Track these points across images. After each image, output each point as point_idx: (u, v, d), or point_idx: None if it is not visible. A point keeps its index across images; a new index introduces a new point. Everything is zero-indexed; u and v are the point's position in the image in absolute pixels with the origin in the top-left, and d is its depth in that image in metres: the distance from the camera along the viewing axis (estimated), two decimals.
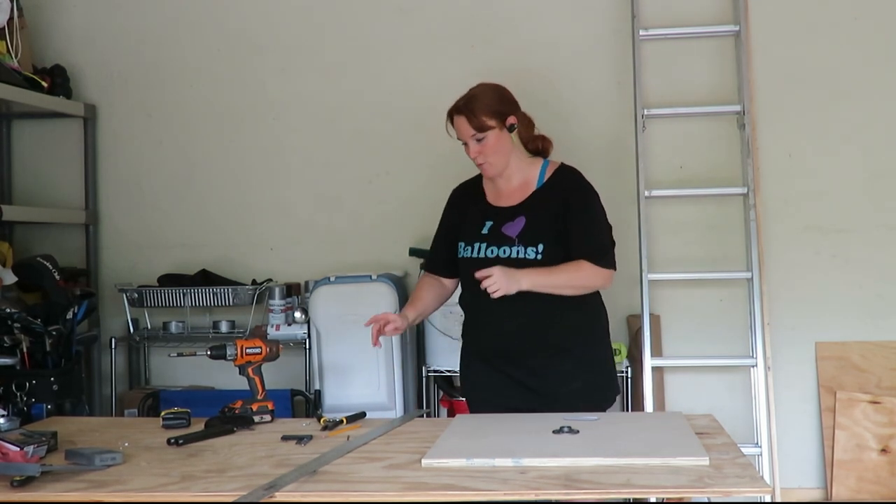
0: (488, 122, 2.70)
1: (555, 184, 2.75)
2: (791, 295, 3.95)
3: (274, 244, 4.27)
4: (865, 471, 3.80)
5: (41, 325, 3.25)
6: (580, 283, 2.69)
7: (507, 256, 2.67)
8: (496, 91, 2.78)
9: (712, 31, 3.99)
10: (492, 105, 2.72)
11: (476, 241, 2.74)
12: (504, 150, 2.73)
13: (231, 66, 4.28)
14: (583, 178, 2.80)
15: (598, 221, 2.77)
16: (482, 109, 2.71)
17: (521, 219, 2.71)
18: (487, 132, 2.70)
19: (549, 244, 2.66)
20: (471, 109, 2.70)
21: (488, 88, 2.77)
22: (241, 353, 2.63)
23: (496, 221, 2.74)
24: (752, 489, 1.83)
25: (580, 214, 2.71)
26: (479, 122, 2.69)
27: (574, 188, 2.75)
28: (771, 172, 3.97)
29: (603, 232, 2.78)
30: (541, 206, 2.72)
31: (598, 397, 2.73)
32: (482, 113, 2.70)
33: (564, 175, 2.78)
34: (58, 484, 1.94)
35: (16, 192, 4.35)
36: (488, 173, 2.77)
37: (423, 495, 1.84)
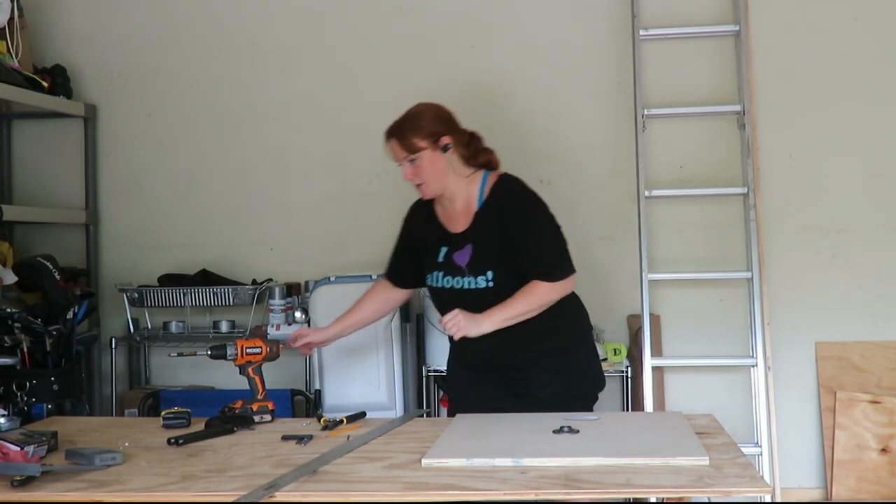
0: (419, 143, 2.68)
1: (493, 202, 2.71)
2: (791, 295, 3.95)
3: (274, 244, 4.26)
4: (865, 471, 3.80)
5: (41, 325, 3.25)
6: (539, 304, 2.66)
7: (461, 287, 2.69)
8: (430, 111, 2.76)
9: (712, 31, 3.98)
10: (425, 126, 2.71)
11: (434, 270, 2.76)
12: (438, 172, 2.71)
13: (231, 66, 4.28)
14: (518, 190, 2.76)
15: (539, 235, 2.71)
16: (414, 131, 2.69)
17: (469, 247, 2.70)
18: (419, 153, 2.68)
19: (498, 270, 2.65)
20: (402, 132, 2.70)
21: (422, 109, 2.76)
22: (241, 352, 2.63)
23: (449, 248, 2.74)
24: (752, 489, 1.83)
25: (521, 233, 2.68)
26: (409, 144, 2.69)
27: (509, 205, 2.71)
28: (771, 172, 3.97)
29: (548, 244, 2.72)
30: (484, 230, 2.69)
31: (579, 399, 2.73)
32: (413, 135, 2.69)
33: (500, 191, 2.73)
34: (58, 484, 1.94)
35: (16, 192, 4.35)
36: (425, 195, 2.76)
37: (423, 495, 1.84)
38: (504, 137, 4.08)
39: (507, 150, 4.07)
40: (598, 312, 3.96)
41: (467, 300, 2.67)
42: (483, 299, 2.65)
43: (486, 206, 2.71)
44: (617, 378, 3.82)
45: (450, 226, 2.78)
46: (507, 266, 2.66)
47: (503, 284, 2.65)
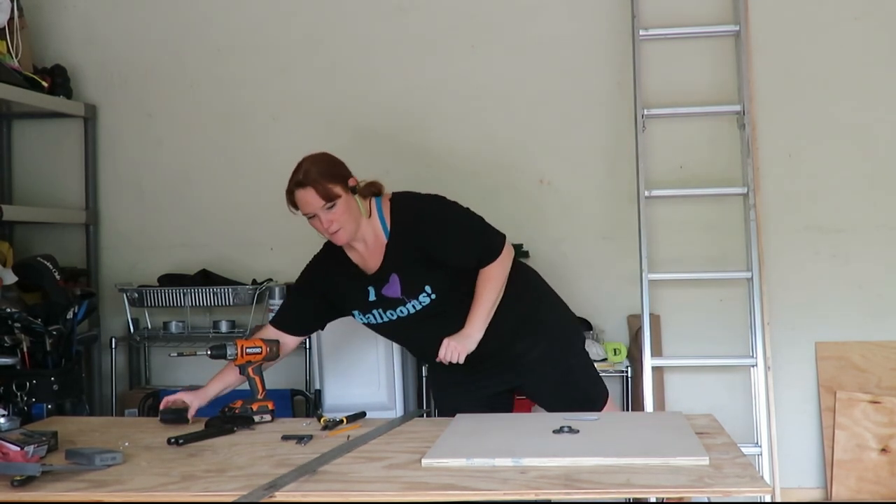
0: (335, 189, 2.61)
1: (398, 227, 2.68)
2: (791, 295, 3.95)
3: (274, 244, 4.26)
4: (865, 471, 3.80)
5: (41, 324, 3.25)
6: (501, 283, 2.70)
7: (407, 314, 2.69)
8: (327, 158, 2.70)
9: (712, 31, 3.98)
10: (331, 171, 2.65)
11: (370, 310, 2.74)
12: (354, 215, 2.65)
13: (231, 66, 4.28)
14: (415, 203, 2.74)
15: (457, 230, 2.71)
16: (329, 178, 2.62)
17: (394, 277, 2.68)
18: (336, 200, 2.61)
19: (433, 282, 2.65)
20: (315, 181, 2.60)
21: (320, 157, 2.70)
22: (241, 352, 2.63)
23: (376, 287, 2.71)
24: (752, 489, 1.84)
25: (439, 240, 2.67)
26: (328, 192, 2.59)
27: (414, 222, 2.69)
28: (771, 172, 3.97)
29: (468, 233, 2.71)
30: (401, 256, 2.67)
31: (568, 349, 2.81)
32: (329, 181, 2.61)
33: (400, 212, 2.70)
34: (58, 484, 1.94)
35: (16, 192, 4.35)
36: (342, 240, 2.68)
37: (423, 495, 1.84)
38: (504, 137, 4.12)
39: (508, 150, 4.12)
40: (598, 312, 3.99)
41: (420, 323, 2.68)
42: (433, 313, 2.66)
43: (393, 233, 2.69)
44: (617, 378, 3.82)
45: (366, 267, 2.74)
46: (441, 274, 2.66)
47: (444, 292, 2.66)
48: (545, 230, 4.06)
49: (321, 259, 2.85)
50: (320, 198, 2.60)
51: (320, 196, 2.60)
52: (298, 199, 2.64)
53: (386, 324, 2.75)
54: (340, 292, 2.78)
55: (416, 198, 2.77)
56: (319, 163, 2.67)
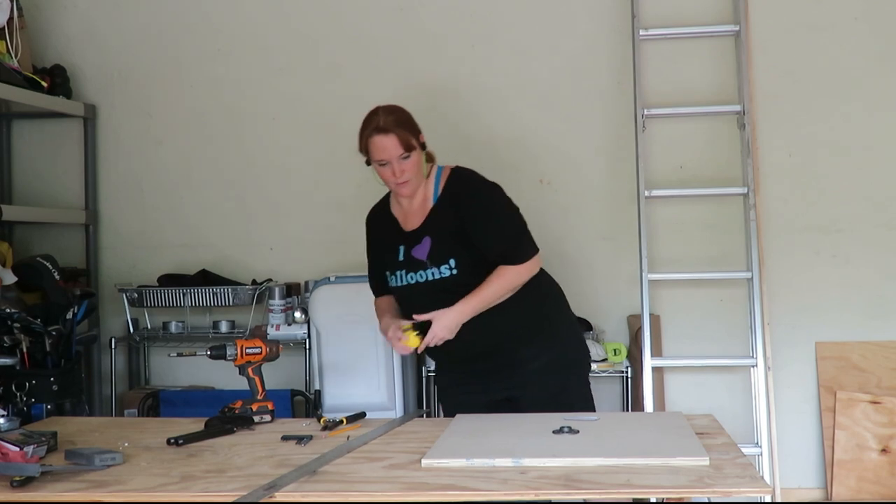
0: (414, 142, 2.68)
1: (448, 194, 2.74)
2: (791, 295, 3.95)
3: (274, 244, 4.26)
4: (865, 471, 3.80)
5: (41, 325, 3.25)
6: (509, 287, 2.69)
7: (425, 280, 2.70)
8: (404, 110, 2.76)
9: (712, 31, 3.98)
10: (410, 122, 2.72)
11: (397, 269, 2.77)
12: (421, 169, 2.73)
13: (231, 66, 4.28)
14: (473, 180, 2.78)
15: (499, 220, 2.74)
16: (405, 127, 2.68)
17: (427, 239, 2.71)
18: (412, 152, 2.68)
19: (459, 257, 2.67)
20: (397, 128, 2.66)
21: (397, 108, 2.74)
22: (241, 353, 2.63)
23: (407, 246, 2.75)
24: (752, 489, 1.83)
25: (479, 221, 2.70)
26: (409, 142, 2.66)
27: (465, 195, 2.74)
28: (771, 172, 3.97)
29: (507, 229, 2.74)
30: (441, 221, 2.72)
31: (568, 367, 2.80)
32: (411, 133, 2.68)
33: (456, 182, 2.76)
34: (58, 484, 1.94)
35: (16, 192, 4.35)
36: (405, 193, 2.75)
37: (423, 495, 1.84)
38: (504, 137, 4.12)
39: (508, 150, 4.12)
40: (598, 312, 3.99)
41: (434, 293, 2.68)
42: (448, 289, 2.67)
43: (441, 199, 2.74)
44: (617, 378, 3.83)
45: (405, 224, 2.80)
46: (469, 253, 2.68)
47: (466, 271, 2.67)
48: (545, 230, 4.03)
49: (371, 216, 2.96)
50: (400, 145, 2.65)
51: (401, 144, 2.65)
52: (375, 144, 2.67)
53: (404, 287, 2.75)
54: (380, 246, 2.86)
55: (475, 176, 2.80)
56: (398, 112, 2.72)
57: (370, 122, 2.70)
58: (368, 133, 2.69)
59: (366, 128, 2.71)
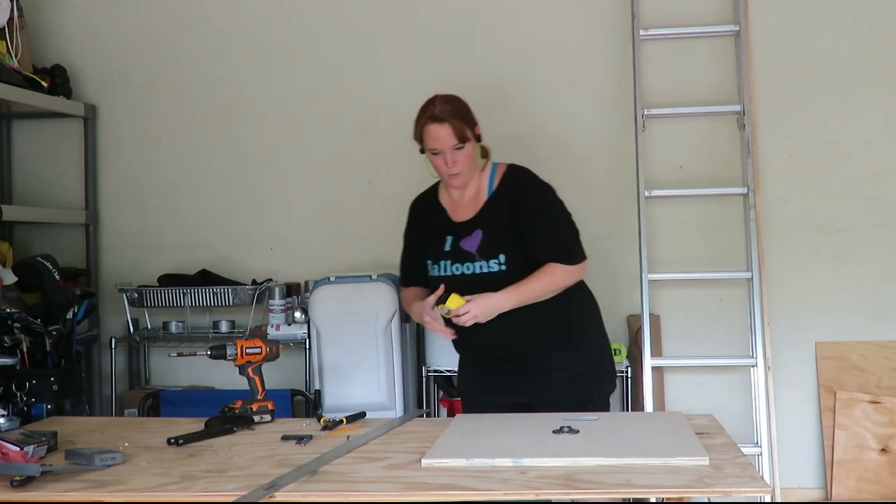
0: (469, 133, 2.69)
1: (504, 190, 2.75)
2: (791, 295, 3.95)
3: (274, 244, 4.26)
4: (865, 471, 3.80)
5: (41, 325, 3.25)
6: (555, 287, 2.70)
7: (472, 273, 2.69)
8: (461, 101, 2.76)
9: (712, 31, 3.98)
10: (466, 113, 2.72)
11: (441, 259, 2.75)
12: (474, 162, 2.74)
13: (231, 66, 4.28)
14: (530, 178, 2.80)
15: (554, 220, 2.76)
16: (461, 118, 2.69)
17: (478, 232, 2.71)
18: (466, 143, 2.69)
19: (509, 253, 2.67)
20: (452, 118, 2.67)
21: (455, 98, 2.75)
22: (241, 353, 2.63)
23: (455, 237, 2.74)
24: (752, 489, 1.83)
25: (534, 218, 2.71)
26: (463, 133, 2.67)
27: (522, 192, 2.75)
28: (771, 172, 3.97)
29: (562, 229, 2.77)
30: (494, 216, 2.72)
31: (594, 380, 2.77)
32: (466, 124, 2.69)
33: (512, 179, 2.77)
34: (58, 484, 1.94)
35: (16, 192, 4.35)
36: (457, 184, 2.75)
37: (423, 495, 1.84)
38: (504, 137, 4.09)
39: (508, 150, 4.08)
40: None
41: (480, 286, 2.66)
42: (493, 284, 2.65)
43: (496, 194, 2.74)
44: (617, 378, 3.82)
45: (455, 215, 2.79)
46: (520, 251, 2.67)
47: (515, 268, 2.66)
48: None
49: (417, 202, 2.95)
50: (454, 136, 2.66)
51: (455, 134, 2.66)
52: (430, 133, 2.68)
53: (448, 278, 2.73)
54: (425, 234, 2.83)
55: (532, 174, 2.81)
56: (455, 102, 2.72)
57: (426, 111, 2.71)
58: (424, 121, 2.70)
59: (422, 115, 2.72)
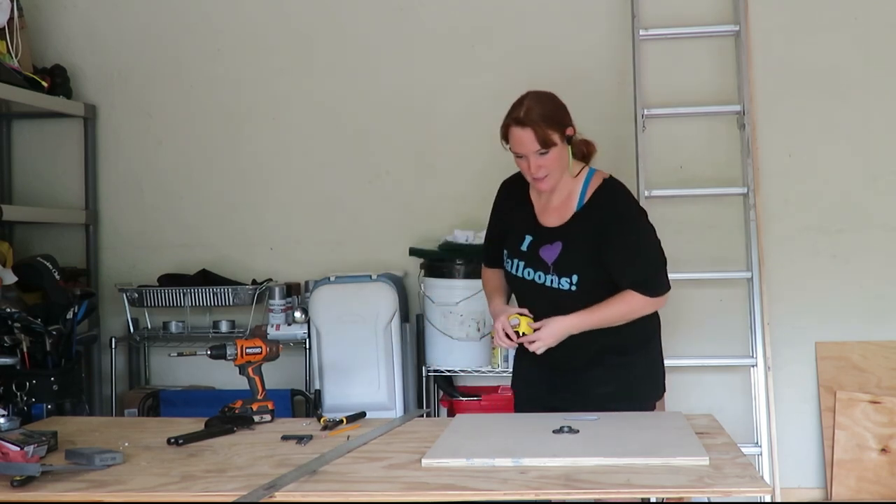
0: (554, 137, 2.52)
1: (594, 206, 2.60)
2: (791, 295, 3.95)
3: (274, 244, 4.26)
4: (865, 471, 3.80)
5: (41, 324, 3.25)
6: (632, 316, 2.59)
7: (542, 283, 2.59)
8: (553, 100, 2.61)
9: (712, 31, 3.98)
10: (554, 116, 2.55)
11: (515, 257, 2.65)
12: (563, 165, 2.58)
13: (231, 66, 4.28)
14: (623, 199, 2.65)
15: (641, 247, 2.62)
16: (550, 124, 2.52)
17: (559, 244, 2.59)
18: (551, 148, 2.53)
19: (583, 275, 2.55)
20: (536, 122, 2.51)
21: (545, 97, 2.60)
22: (241, 352, 2.63)
23: (536, 239, 2.62)
24: (752, 489, 1.83)
25: (620, 244, 2.57)
26: (546, 138, 2.51)
27: (612, 214, 2.59)
28: (771, 172, 3.97)
29: (647, 258, 2.62)
30: (579, 231, 2.58)
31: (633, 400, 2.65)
32: (550, 127, 2.52)
33: (606, 195, 2.61)
34: (58, 484, 1.94)
35: (16, 192, 4.35)
36: (542, 188, 2.60)
37: (423, 495, 1.84)
38: None
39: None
40: None
41: (546, 298, 2.58)
42: (561, 302, 2.56)
43: (587, 207, 2.60)
44: None
45: (541, 217, 2.66)
46: (595, 272, 2.56)
47: (586, 290, 2.55)
48: None
49: (508, 184, 2.80)
50: (537, 141, 2.51)
51: (537, 140, 2.51)
52: (513, 135, 2.55)
53: (518, 279, 2.65)
54: (508, 220, 2.73)
55: (626, 192, 2.67)
56: (544, 103, 2.57)
57: (512, 111, 2.56)
58: (508, 122, 2.56)
59: (508, 115, 2.57)
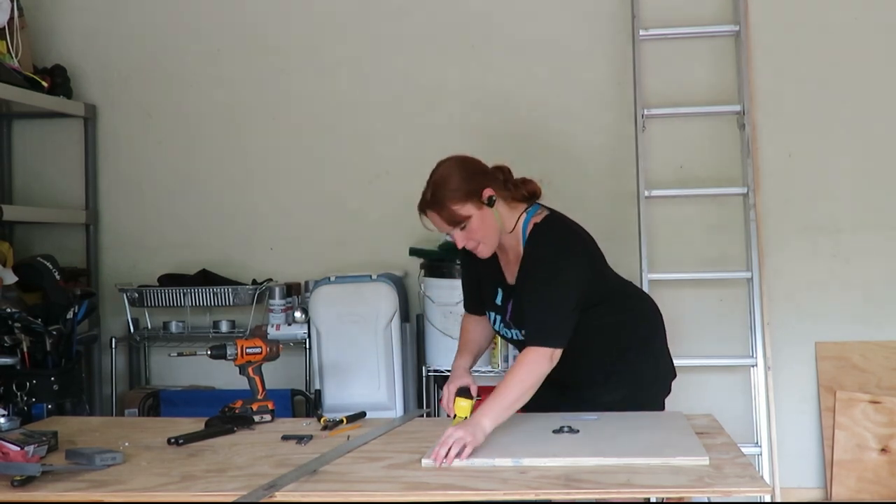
0: (462, 211, 2.39)
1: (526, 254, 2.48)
2: (791, 295, 3.95)
3: (274, 244, 4.26)
4: (865, 471, 3.80)
5: (41, 324, 3.25)
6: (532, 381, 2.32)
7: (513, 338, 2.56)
8: (458, 170, 2.44)
9: (712, 31, 3.98)
10: (461, 188, 2.40)
11: (492, 311, 2.60)
12: (492, 228, 2.44)
13: (231, 66, 4.28)
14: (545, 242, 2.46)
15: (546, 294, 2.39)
16: (452, 199, 2.39)
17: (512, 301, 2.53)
18: (466, 221, 2.41)
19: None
20: (439, 204, 2.39)
21: (451, 169, 2.45)
22: (241, 352, 2.63)
23: (505, 293, 2.56)
24: (752, 489, 1.84)
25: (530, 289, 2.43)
26: (453, 216, 2.39)
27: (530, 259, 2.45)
28: (771, 172, 3.97)
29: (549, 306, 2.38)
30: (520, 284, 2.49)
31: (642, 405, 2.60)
32: (453, 203, 2.39)
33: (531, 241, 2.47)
34: (58, 484, 1.94)
35: (16, 192, 4.35)
36: (484, 254, 2.49)
37: (423, 495, 1.84)
38: (504, 138, 4.12)
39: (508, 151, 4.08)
40: None
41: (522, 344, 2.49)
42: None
43: (524, 258, 2.49)
44: None
45: (506, 271, 2.57)
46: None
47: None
48: None
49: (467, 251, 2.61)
50: (446, 223, 2.42)
51: (446, 222, 2.42)
52: (427, 218, 2.46)
53: (501, 332, 2.62)
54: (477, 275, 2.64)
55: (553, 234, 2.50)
56: (450, 178, 2.42)
57: (423, 193, 2.45)
58: (419, 206, 2.46)
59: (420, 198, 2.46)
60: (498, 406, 2.25)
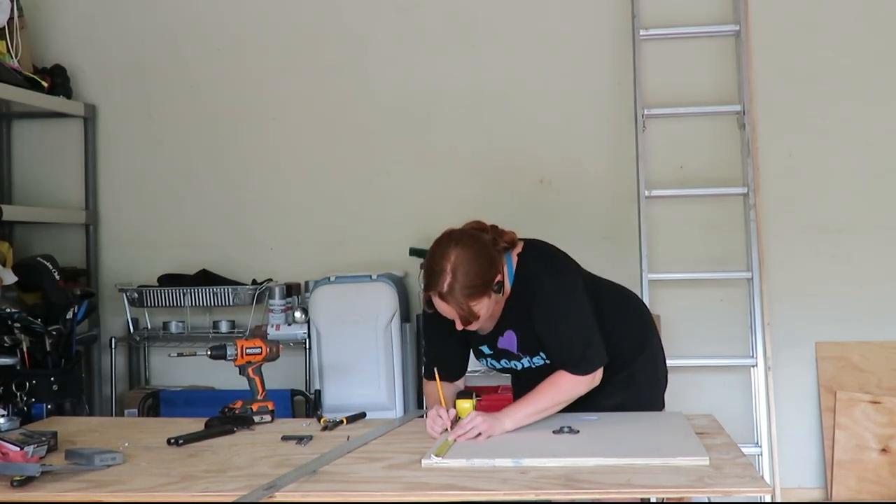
0: (476, 307, 2.31)
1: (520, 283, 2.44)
2: (791, 295, 3.95)
3: (274, 244, 4.26)
4: (865, 471, 3.80)
5: (41, 325, 3.25)
6: (564, 399, 2.38)
7: (521, 368, 2.53)
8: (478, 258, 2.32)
9: (712, 31, 3.99)
10: (477, 282, 2.30)
11: (484, 358, 2.58)
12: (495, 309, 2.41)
13: (231, 66, 4.28)
14: (543, 276, 2.45)
15: (565, 322, 2.41)
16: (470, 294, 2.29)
17: (510, 334, 2.49)
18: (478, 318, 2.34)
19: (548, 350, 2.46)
20: (457, 299, 2.29)
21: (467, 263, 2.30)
22: (241, 353, 2.63)
23: (489, 344, 2.53)
24: (752, 489, 1.84)
25: (544, 319, 2.41)
26: (469, 313, 2.31)
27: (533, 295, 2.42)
28: (771, 172, 3.97)
29: (572, 333, 2.41)
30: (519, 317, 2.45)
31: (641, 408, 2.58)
32: (473, 297, 2.30)
33: (525, 277, 2.44)
34: (58, 484, 1.94)
35: (16, 192, 4.35)
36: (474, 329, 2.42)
37: (423, 495, 1.84)
38: (504, 138, 4.12)
39: (508, 151, 4.12)
40: None
41: (532, 376, 2.49)
42: (544, 372, 2.45)
43: (514, 288, 2.44)
44: None
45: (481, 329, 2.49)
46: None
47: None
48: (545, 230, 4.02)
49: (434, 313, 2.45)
50: (459, 318, 2.33)
51: (460, 318, 2.33)
52: (435, 303, 2.34)
53: (499, 370, 2.59)
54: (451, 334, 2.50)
55: (541, 258, 2.50)
56: (468, 274, 2.29)
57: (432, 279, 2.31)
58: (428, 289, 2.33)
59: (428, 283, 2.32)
60: (524, 412, 2.34)
